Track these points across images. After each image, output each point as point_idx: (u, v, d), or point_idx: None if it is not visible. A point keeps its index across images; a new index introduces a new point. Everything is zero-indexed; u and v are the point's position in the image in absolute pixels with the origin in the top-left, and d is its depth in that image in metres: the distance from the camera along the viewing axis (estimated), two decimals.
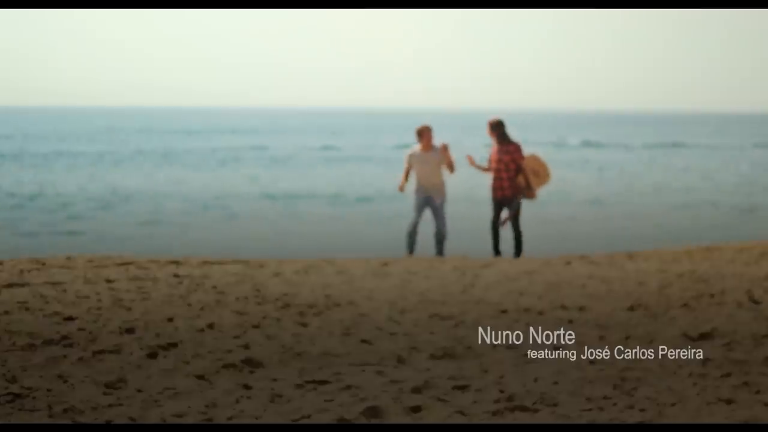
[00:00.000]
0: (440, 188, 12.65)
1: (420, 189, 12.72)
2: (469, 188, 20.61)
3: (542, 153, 13.04)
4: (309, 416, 4.40)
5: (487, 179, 12.58)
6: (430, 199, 12.65)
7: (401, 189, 12.79)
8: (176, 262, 9.82)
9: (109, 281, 8.29)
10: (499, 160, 12.32)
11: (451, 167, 12.59)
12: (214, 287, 8.10)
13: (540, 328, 6.62)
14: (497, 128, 12.50)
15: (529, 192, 12.33)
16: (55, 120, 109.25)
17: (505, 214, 12.39)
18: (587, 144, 62.10)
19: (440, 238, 12.59)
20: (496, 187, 12.36)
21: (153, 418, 4.32)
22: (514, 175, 12.27)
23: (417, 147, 12.78)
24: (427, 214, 12.62)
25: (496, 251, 12.38)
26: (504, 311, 7.22)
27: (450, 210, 12.55)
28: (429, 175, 12.61)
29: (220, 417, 4.36)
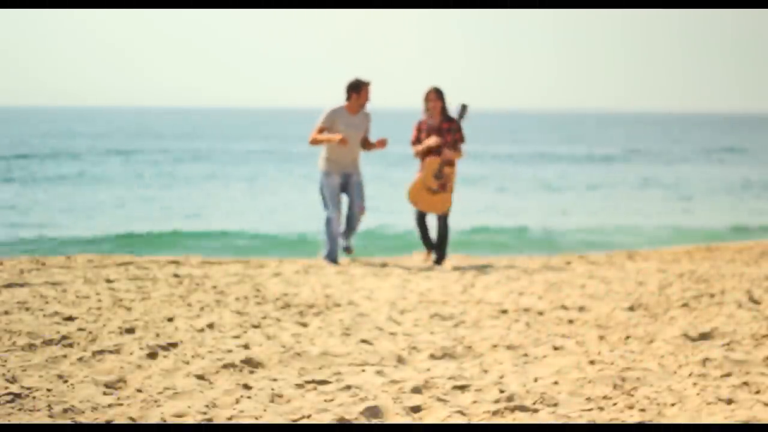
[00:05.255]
0: (357, 163, 10.16)
1: (334, 167, 10.08)
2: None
3: None
4: (309, 416, 4.40)
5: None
6: (348, 177, 10.14)
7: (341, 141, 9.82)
8: (176, 262, 9.82)
9: (109, 281, 8.29)
10: (440, 139, 10.03)
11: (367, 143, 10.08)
12: (214, 287, 8.10)
13: (540, 328, 6.63)
14: (442, 98, 10.05)
15: (449, 182, 10.10)
16: (51, 120, 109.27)
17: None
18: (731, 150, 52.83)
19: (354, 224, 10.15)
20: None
21: (153, 418, 4.31)
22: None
23: (341, 104, 10.07)
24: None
25: (430, 245, 10.32)
26: (504, 311, 7.22)
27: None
28: (352, 145, 10.03)
29: (220, 417, 4.36)
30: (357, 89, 9.94)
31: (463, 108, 10.02)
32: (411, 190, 10.09)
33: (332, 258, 10.05)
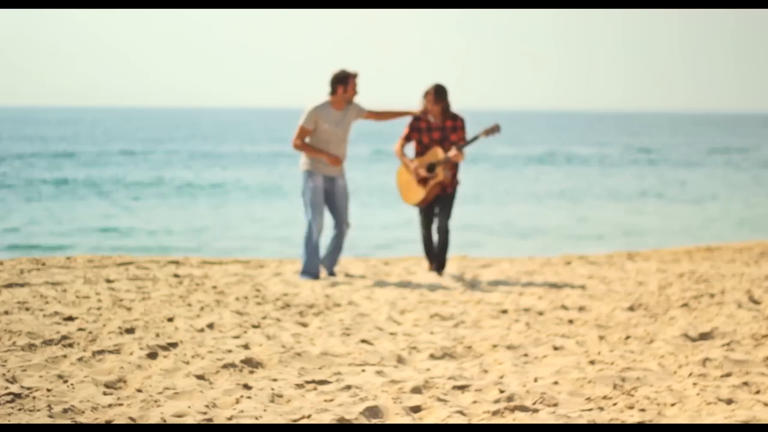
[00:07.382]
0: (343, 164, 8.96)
1: (319, 167, 8.87)
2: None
3: None
4: (309, 416, 4.40)
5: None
6: (333, 182, 8.93)
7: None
8: (176, 262, 9.82)
9: (109, 281, 8.29)
10: (444, 139, 9.05)
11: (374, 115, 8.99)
12: (214, 287, 8.10)
13: (540, 328, 6.63)
14: (443, 98, 9.02)
15: (433, 181, 9.10)
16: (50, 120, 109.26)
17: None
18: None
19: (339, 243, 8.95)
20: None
21: (153, 418, 4.31)
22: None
23: (325, 100, 8.85)
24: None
25: (432, 258, 9.35)
26: (504, 311, 7.22)
27: None
28: (340, 144, 8.88)
29: (220, 417, 4.36)
30: (344, 82, 8.69)
31: (494, 128, 9.14)
32: (400, 169, 9.27)
33: (312, 273, 8.78)
